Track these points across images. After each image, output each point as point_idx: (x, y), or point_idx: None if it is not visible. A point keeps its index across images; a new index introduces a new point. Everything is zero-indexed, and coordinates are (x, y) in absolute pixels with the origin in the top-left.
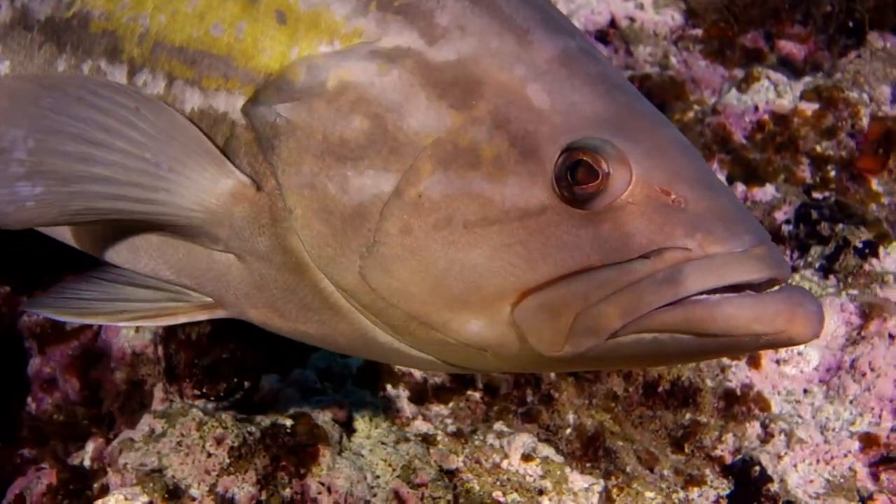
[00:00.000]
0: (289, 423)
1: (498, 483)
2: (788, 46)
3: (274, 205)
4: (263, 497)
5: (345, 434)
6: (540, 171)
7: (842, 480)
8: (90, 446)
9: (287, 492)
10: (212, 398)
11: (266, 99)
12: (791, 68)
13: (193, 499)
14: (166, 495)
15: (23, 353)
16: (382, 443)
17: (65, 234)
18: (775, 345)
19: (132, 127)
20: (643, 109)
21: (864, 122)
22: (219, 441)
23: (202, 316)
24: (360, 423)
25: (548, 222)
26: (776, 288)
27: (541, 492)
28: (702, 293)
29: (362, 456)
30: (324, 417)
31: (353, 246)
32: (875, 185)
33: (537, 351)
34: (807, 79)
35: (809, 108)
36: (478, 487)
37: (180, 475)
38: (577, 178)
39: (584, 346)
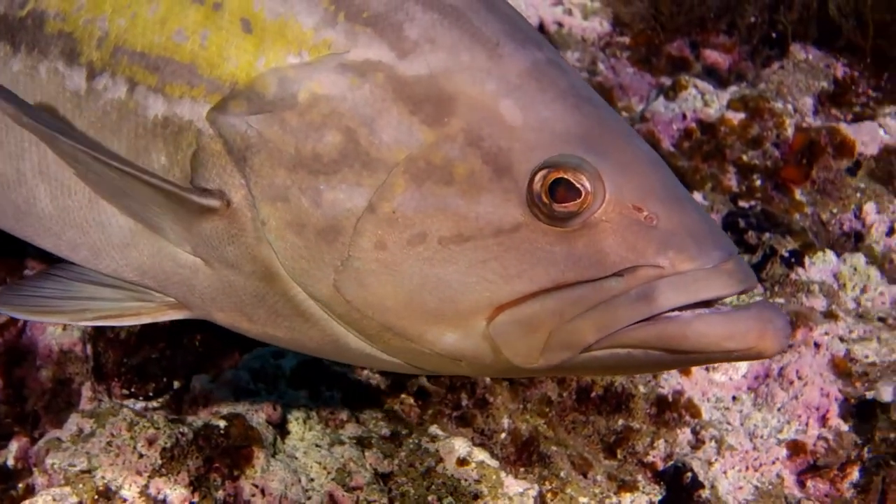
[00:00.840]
0: (222, 424)
1: (433, 487)
2: (714, 56)
3: (244, 215)
4: (196, 499)
5: (279, 436)
6: (514, 189)
7: (770, 487)
8: (14, 446)
9: (220, 494)
10: (141, 398)
11: (236, 109)
12: (716, 77)
13: (125, 500)
14: (96, 496)
15: None
16: (317, 445)
17: (25, 232)
18: (745, 359)
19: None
20: (613, 123)
21: (789, 132)
22: (151, 442)
23: (167, 316)
24: (294, 426)
25: (522, 239)
26: (747, 303)
27: (476, 496)
28: (674, 309)
29: (296, 458)
30: (258, 419)
31: (328, 259)
32: (798, 195)
33: (509, 361)
34: (733, 88)
35: (736, 117)
36: (413, 491)
37: (111, 476)
38: (556, 196)
39: (558, 360)
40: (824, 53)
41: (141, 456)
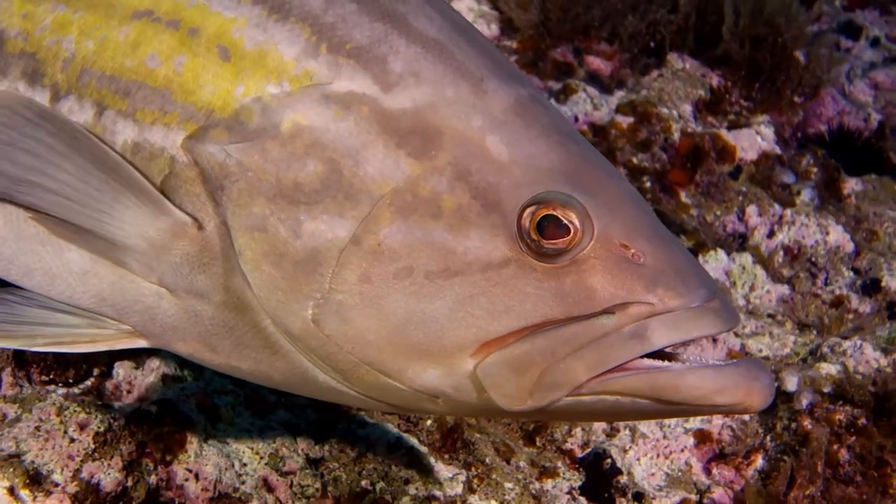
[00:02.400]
0: (154, 409)
1: (365, 472)
2: (596, 62)
3: (217, 244)
4: (129, 483)
5: (209, 422)
6: (502, 224)
7: (679, 474)
8: None
9: (153, 478)
10: (61, 384)
11: (215, 138)
12: (599, 83)
13: (56, 484)
14: (28, 480)
15: None
16: (248, 431)
17: None
18: (730, 413)
19: (75, 153)
20: (596, 161)
21: (676, 136)
22: (82, 426)
23: (122, 345)
24: (223, 411)
25: (510, 275)
26: (734, 361)
27: (407, 481)
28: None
29: (228, 444)
30: (189, 405)
31: (306, 291)
32: (684, 197)
33: (494, 403)
34: (619, 93)
35: (625, 121)
36: (345, 476)
37: (41, 461)
38: (544, 232)
39: (547, 401)
40: (700, 63)
41: (72, 440)
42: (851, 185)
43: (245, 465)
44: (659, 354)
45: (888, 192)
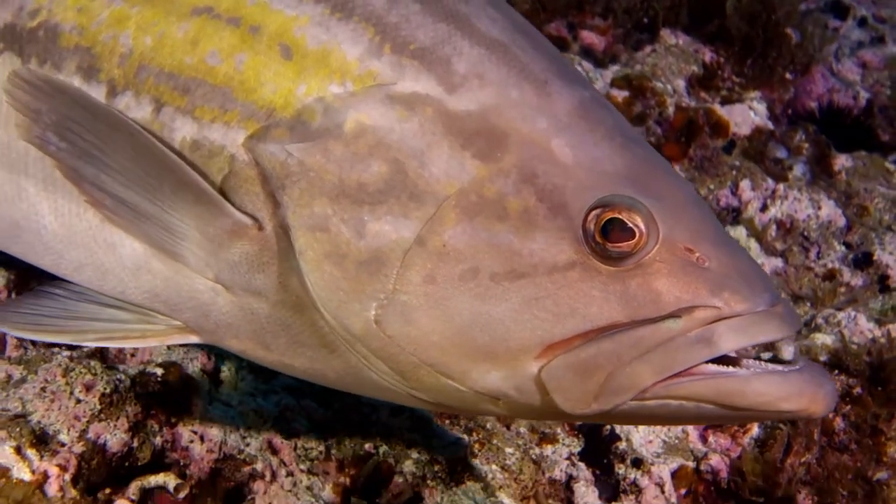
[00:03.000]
0: (159, 371)
1: (369, 436)
2: (591, 37)
3: (277, 243)
4: (135, 444)
5: (213, 385)
6: (568, 227)
7: (676, 441)
8: None
9: (158, 440)
10: (64, 347)
11: (276, 137)
12: (593, 58)
13: (63, 444)
14: (34, 440)
15: None
16: (251, 394)
17: (19, 249)
18: (794, 419)
19: (134, 150)
20: (658, 163)
21: (670, 111)
22: (88, 387)
23: (173, 340)
24: (227, 374)
25: (576, 278)
26: (798, 366)
27: (410, 445)
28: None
29: (232, 406)
30: (193, 367)
31: (369, 291)
32: (678, 170)
33: (557, 406)
34: (614, 68)
35: (620, 94)
36: (349, 440)
37: (47, 421)
38: (610, 235)
39: (611, 405)
40: (693, 39)
41: (78, 401)
42: (842, 161)
43: (250, 427)
44: (721, 358)
45: (878, 169)
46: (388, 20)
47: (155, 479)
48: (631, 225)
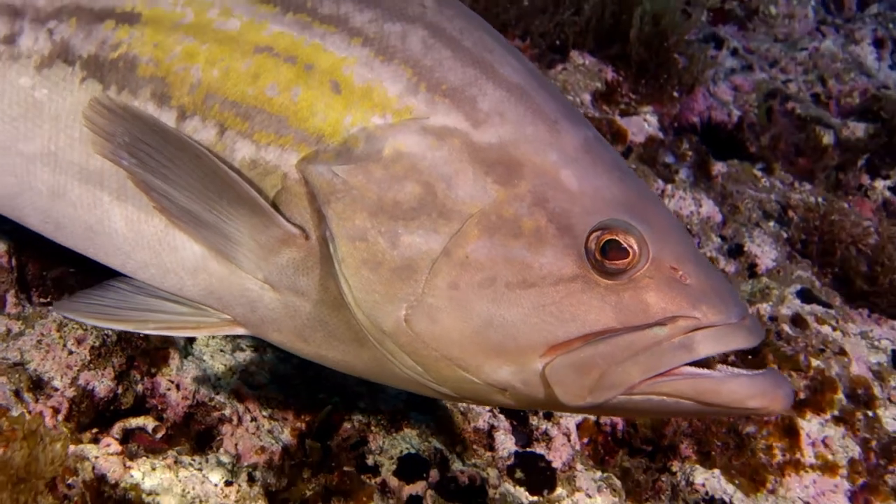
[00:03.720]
0: None
1: (322, 389)
2: None
3: (320, 251)
4: (120, 391)
5: (188, 342)
6: (572, 245)
7: None
8: None
9: (140, 387)
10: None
11: (325, 160)
12: None
13: (56, 389)
14: (31, 385)
15: None
16: (221, 350)
17: (91, 250)
18: (757, 415)
19: (199, 169)
20: (648, 194)
21: None
22: (79, 341)
23: (223, 331)
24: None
25: (578, 288)
26: (762, 371)
27: (358, 396)
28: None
29: (204, 360)
30: None
31: (401, 294)
32: None
33: (557, 398)
34: None
35: None
36: (305, 390)
37: (42, 369)
38: (608, 254)
39: (603, 399)
40: (597, 60)
41: (71, 353)
42: (719, 167)
43: (220, 378)
44: (697, 362)
45: (748, 175)
46: (423, 63)
47: (136, 422)
48: (626, 245)
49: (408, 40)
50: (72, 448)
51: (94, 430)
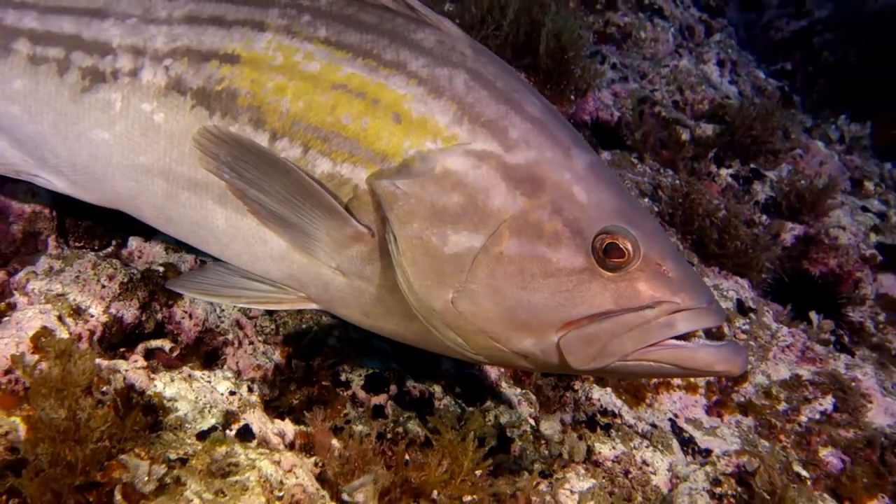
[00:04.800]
0: (161, 269)
1: (304, 320)
2: None
3: (383, 246)
4: (144, 318)
5: None
6: (582, 245)
7: None
8: None
9: (159, 316)
10: (90, 250)
11: (388, 175)
12: None
13: (92, 315)
14: (72, 311)
15: None
16: None
17: (195, 240)
18: (719, 376)
19: (286, 180)
20: (638, 205)
21: None
22: (110, 277)
23: (299, 306)
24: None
25: (586, 279)
26: (723, 342)
27: (333, 328)
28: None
29: None
30: (185, 266)
31: (449, 282)
32: None
33: (568, 363)
34: None
35: None
36: (291, 321)
37: (80, 299)
38: (609, 253)
39: (604, 364)
40: (514, 68)
41: (103, 286)
42: (605, 155)
43: (223, 310)
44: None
45: (626, 162)
46: (466, 100)
47: (156, 343)
48: (622, 247)
49: (453, 82)
50: (105, 363)
51: (122, 349)
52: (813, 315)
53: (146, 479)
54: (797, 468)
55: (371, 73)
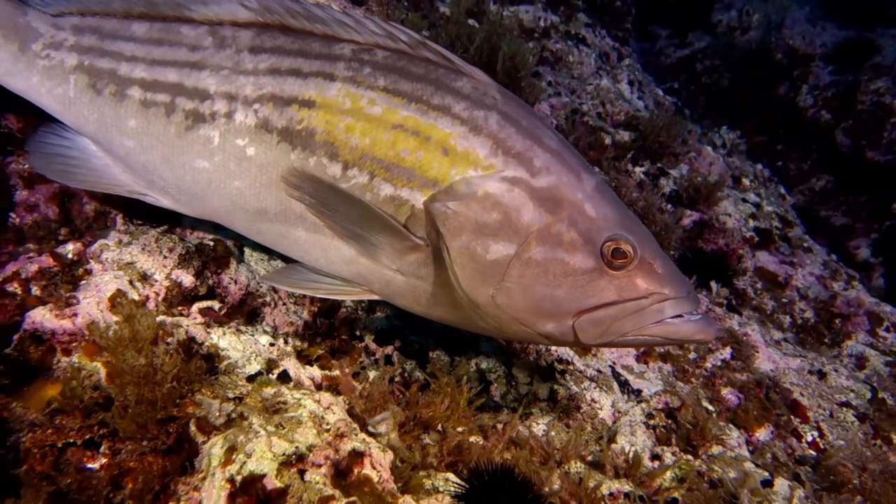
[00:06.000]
0: (211, 242)
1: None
2: None
3: (436, 253)
4: (198, 283)
5: (240, 252)
6: (593, 250)
7: None
8: (69, 246)
9: (210, 281)
10: (150, 227)
11: (439, 198)
12: None
13: (156, 280)
14: (140, 277)
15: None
16: (263, 259)
17: (280, 246)
18: (698, 343)
19: (353, 206)
20: (632, 216)
21: None
22: (171, 249)
23: (364, 297)
24: (248, 249)
25: (596, 276)
26: (699, 315)
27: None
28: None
29: (251, 266)
30: (229, 243)
31: (489, 281)
32: None
33: (580, 340)
34: None
35: None
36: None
37: (146, 267)
38: (614, 256)
39: (608, 340)
40: None
41: (165, 257)
42: None
43: (262, 277)
44: None
45: None
46: (499, 136)
47: (207, 303)
48: (624, 250)
49: (488, 121)
50: (169, 319)
51: (180, 308)
52: (713, 284)
53: (217, 414)
54: (705, 403)
55: (423, 116)
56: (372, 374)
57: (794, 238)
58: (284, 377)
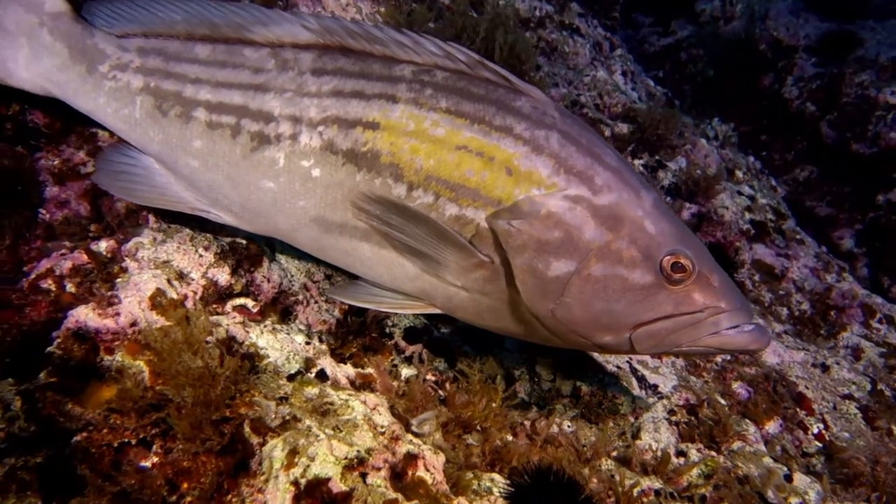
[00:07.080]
0: (244, 242)
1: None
2: None
3: (500, 269)
4: (233, 281)
5: (272, 251)
6: (652, 266)
7: None
8: (102, 244)
9: (244, 279)
10: (182, 225)
11: (503, 217)
12: None
13: (193, 279)
14: (177, 276)
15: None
16: (294, 258)
17: (346, 263)
18: (753, 353)
19: (420, 223)
20: (688, 230)
21: None
22: (206, 248)
23: (426, 311)
24: (279, 248)
25: (654, 291)
26: (752, 325)
27: None
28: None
29: (282, 264)
30: (262, 242)
31: (550, 296)
32: None
33: (636, 350)
34: None
35: None
36: (341, 280)
37: (182, 265)
38: (674, 270)
39: (663, 350)
40: None
41: (201, 256)
42: None
43: (293, 275)
44: None
45: None
46: (560, 155)
47: (241, 301)
48: (683, 265)
49: (549, 141)
50: (210, 318)
51: (215, 306)
52: None
53: (273, 416)
54: (717, 397)
55: (486, 137)
56: (405, 372)
57: (788, 230)
58: (322, 376)
